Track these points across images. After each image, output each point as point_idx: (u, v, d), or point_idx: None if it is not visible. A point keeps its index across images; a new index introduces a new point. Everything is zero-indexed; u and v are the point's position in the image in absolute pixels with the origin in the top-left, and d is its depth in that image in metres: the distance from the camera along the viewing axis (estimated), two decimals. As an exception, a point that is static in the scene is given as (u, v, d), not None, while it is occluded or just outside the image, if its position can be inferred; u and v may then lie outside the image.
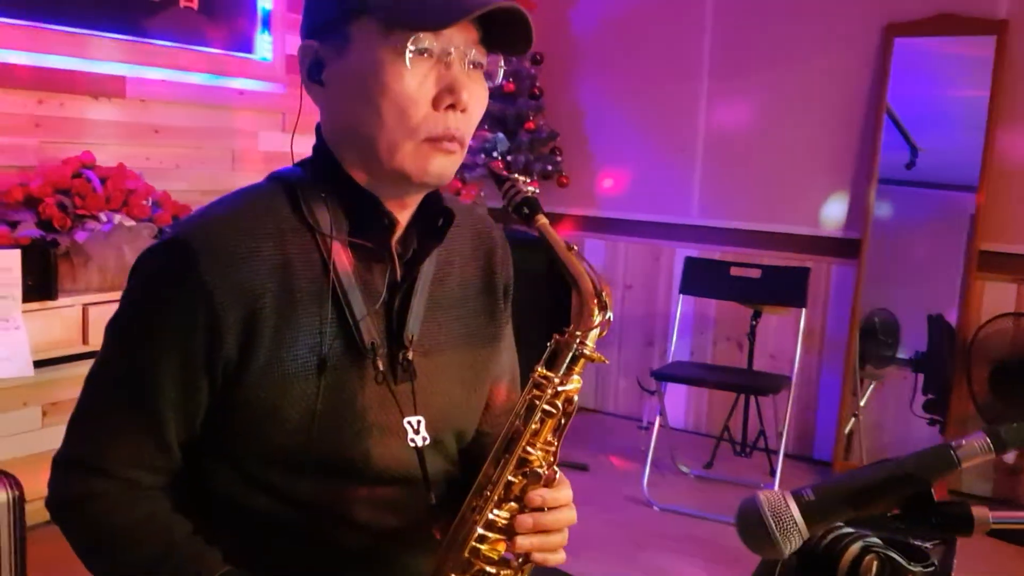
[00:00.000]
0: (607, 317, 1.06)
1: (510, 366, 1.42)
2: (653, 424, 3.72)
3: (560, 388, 1.05)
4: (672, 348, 3.91)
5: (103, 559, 1.12)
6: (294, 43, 3.63)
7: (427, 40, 1.04)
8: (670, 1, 4.37)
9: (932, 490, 0.82)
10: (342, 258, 1.13)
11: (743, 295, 3.83)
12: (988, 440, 0.81)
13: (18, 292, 2.54)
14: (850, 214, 3.98)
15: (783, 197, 4.14)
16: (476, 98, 1.10)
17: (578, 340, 1.05)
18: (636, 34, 4.47)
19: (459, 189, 4.40)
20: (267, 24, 3.63)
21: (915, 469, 0.82)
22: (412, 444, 1.14)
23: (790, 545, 0.83)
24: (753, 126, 4.19)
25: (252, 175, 3.62)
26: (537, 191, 1.10)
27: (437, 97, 1.06)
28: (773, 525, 0.82)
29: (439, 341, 1.21)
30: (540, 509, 1.04)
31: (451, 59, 1.06)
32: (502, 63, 1.13)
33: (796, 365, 3.64)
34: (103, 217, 2.71)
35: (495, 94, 4.18)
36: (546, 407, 1.04)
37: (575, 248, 1.08)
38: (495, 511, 1.03)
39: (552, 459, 1.07)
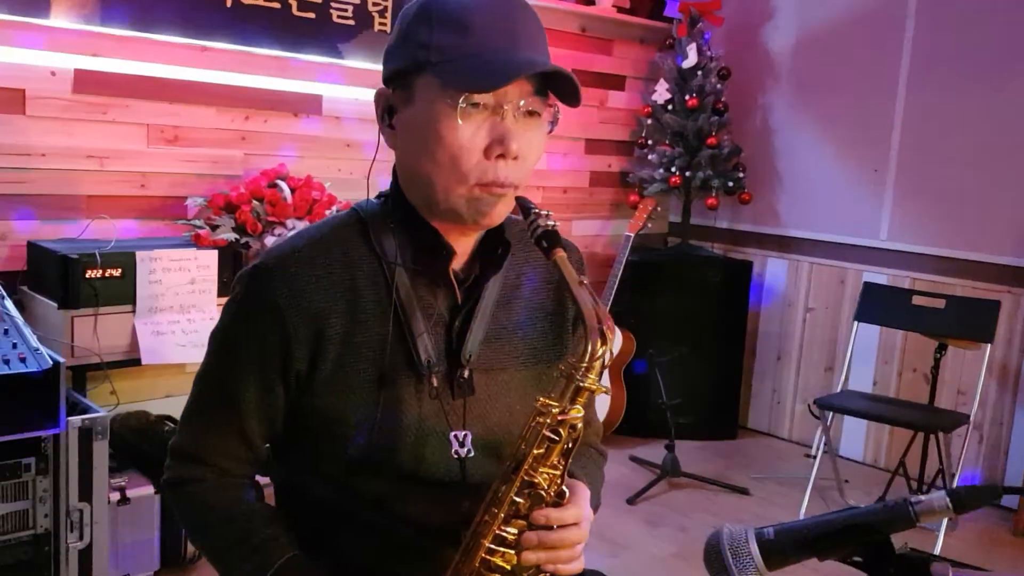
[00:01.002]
0: (607, 350, 1.10)
1: None
2: (831, 452, 3.62)
3: (561, 417, 1.11)
4: (842, 376, 3.77)
5: (198, 534, 1.31)
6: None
7: (479, 96, 1.14)
8: (869, 16, 4.20)
9: (892, 541, 0.83)
10: (404, 282, 1.25)
11: (925, 326, 3.62)
12: (948, 501, 0.80)
13: (214, 288, 2.88)
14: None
15: (980, 222, 3.87)
16: (530, 146, 1.19)
17: (581, 372, 1.11)
18: (830, 49, 4.33)
19: (636, 202, 4.45)
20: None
21: (874, 521, 0.82)
22: (456, 455, 1.24)
23: (747, 580, 0.86)
24: (951, 145, 3.95)
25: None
26: (557, 224, 1.17)
27: (488, 147, 1.16)
28: (731, 560, 0.86)
29: (502, 360, 1.30)
30: (547, 527, 1.11)
31: (504, 111, 1.16)
32: (557, 112, 1.22)
33: (976, 403, 3.41)
34: (289, 224, 3.00)
35: (678, 109, 4.21)
36: (548, 434, 1.11)
37: (585, 282, 1.14)
38: (504, 527, 1.11)
39: (560, 481, 1.13)
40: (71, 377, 2.72)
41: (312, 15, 3.41)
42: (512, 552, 1.11)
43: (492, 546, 1.11)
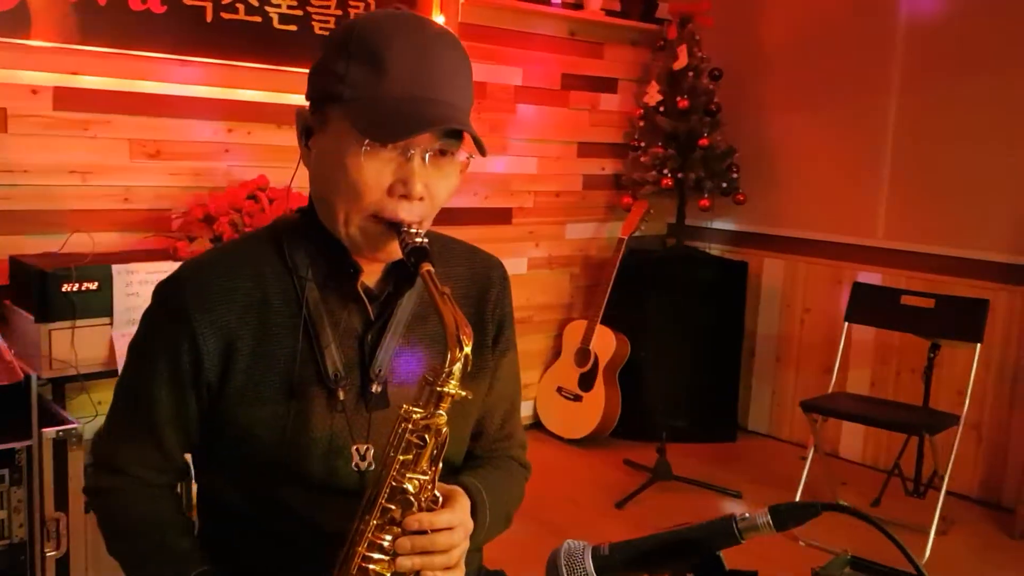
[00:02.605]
0: (465, 353, 1.11)
1: (508, 396, 1.50)
2: (820, 454, 3.59)
3: (425, 423, 1.12)
4: (834, 377, 3.73)
5: (114, 544, 1.34)
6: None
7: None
8: (859, 12, 4.16)
9: (721, 558, 0.83)
10: (315, 297, 1.27)
11: (915, 326, 3.58)
12: (769, 518, 0.80)
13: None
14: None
15: (977, 219, 3.82)
16: (437, 186, 1.21)
17: (442, 378, 1.12)
18: (822, 47, 4.29)
19: (629, 204, 4.44)
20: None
21: (701, 537, 0.83)
22: (356, 469, 1.26)
23: (583, 597, 0.86)
24: (946, 143, 3.90)
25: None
26: (426, 241, 1.18)
27: (392, 187, 1.18)
28: (565, 574, 0.86)
29: (416, 374, 1.32)
30: (421, 532, 1.12)
31: (412, 154, 1.17)
32: (471, 154, 1.24)
33: (967, 404, 3.36)
34: (268, 234, 3.04)
35: (670, 111, 4.20)
36: (414, 439, 1.12)
37: (447, 294, 1.15)
38: (379, 534, 1.12)
39: (431, 487, 1.14)
40: (51, 389, 2.78)
41: (294, 27, 3.45)
42: (388, 559, 1.12)
43: (368, 553, 1.12)
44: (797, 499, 3.52)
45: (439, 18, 3.83)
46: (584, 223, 4.63)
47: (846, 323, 3.73)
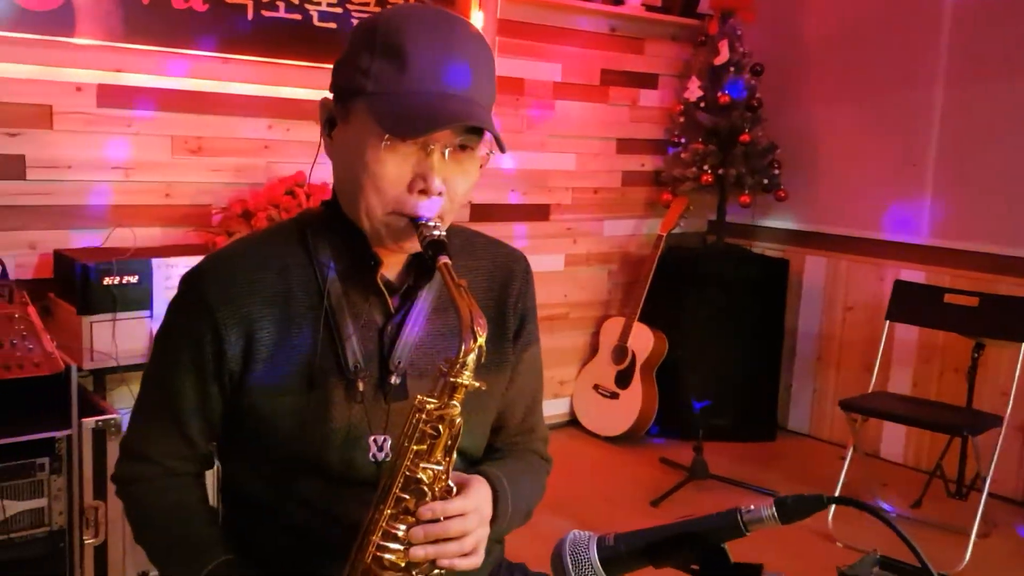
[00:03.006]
0: (479, 344, 1.12)
1: (530, 390, 1.49)
2: (859, 454, 3.54)
3: (439, 413, 1.12)
4: (874, 376, 3.67)
5: (141, 532, 1.36)
6: (502, 66, 3.86)
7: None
8: (903, 4, 4.08)
9: (726, 551, 0.82)
10: (337, 289, 1.28)
11: (958, 325, 3.51)
12: (774, 510, 0.79)
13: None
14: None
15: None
16: (455, 182, 1.22)
17: (456, 369, 1.12)
18: (865, 41, 4.22)
19: (669, 201, 4.41)
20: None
21: (706, 530, 0.82)
22: (373, 459, 1.27)
23: (587, 587, 0.86)
24: (992, 138, 3.81)
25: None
26: (443, 235, 1.18)
27: (412, 182, 1.19)
28: (570, 565, 0.86)
29: (436, 366, 1.32)
30: (434, 521, 1.13)
31: (432, 149, 1.18)
32: (490, 150, 1.24)
33: (1011, 405, 3.29)
34: (305, 229, 3.07)
35: (711, 106, 4.17)
36: (428, 430, 1.13)
37: (464, 286, 1.15)
38: (393, 524, 1.13)
39: (445, 476, 1.15)
40: (92, 381, 2.84)
41: (334, 25, 3.48)
42: (403, 549, 1.13)
43: (383, 543, 1.13)
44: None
45: (478, 14, 3.84)
46: (623, 220, 4.61)
47: (887, 322, 3.66)
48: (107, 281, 2.71)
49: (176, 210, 3.24)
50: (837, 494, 3.48)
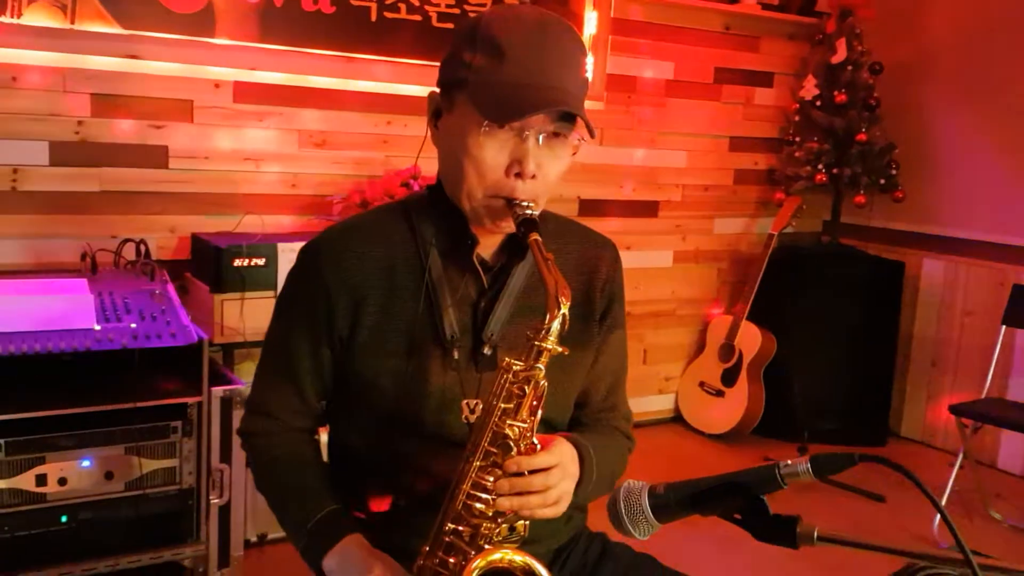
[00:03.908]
0: (561, 312, 1.22)
1: (613, 370, 1.59)
2: (971, 462, 3.47)
3: (525, 374, 1.22)
4: (987, 383, 3.57)
5: (261, 481, 1.52)
6: (614, 64, 3.92)
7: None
8: (1034, 1, 3.95)
9: (765, 502, 0.89)
10: (437, 265, 1.41)
11: (1081, 331, 3.38)
12: (809, 466, 0.86)
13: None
14: None
15: None
16: (548, 166, 1.32)
17: (541, 335, 1.22)
18: (988, 41, 4.10)
19: (781, 200, 4.39)
20: (591, 47, 3.96)
21: (747, 482, 0.89)
22: (465, 422, 1.38)
23: (639, 530, 0.95)
24: None
25: (570, 186, 4.00)
26: (535, 214, 1.29)
27: (508, 166, 1.30)
28: (623, 510, 0.95)
29: (524, 340, 1.43)
30: (519, 474, 1.23)
31: (527, 135, 1.29)
32: (581, 137, 1.34)
33: None
34: (419, 219, 3.24)
35: (827, 105, 4.13)
36: (515, 390, 1.23)
37: (551, 260, 1.25)
38: (482, 475, 1.23)
39: (530, 434, 1.24)
40: (222, 356, 3.07)
41: (451, 25, 3.63)
42: (491, 498, 1.23)
43: (472, 492, 1.23)
44: (942, 505, 3.40)
45: (592, 14, 3.93)
46: (734, 218, 4.61)
47: (1003, 327, 3.56)
48: (237, 263, 2.94)
49: (301, 199, 3.45)
50: (944, 502, 3.42)
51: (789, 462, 0.88)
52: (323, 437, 1.57)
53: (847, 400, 4.32)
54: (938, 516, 3.34)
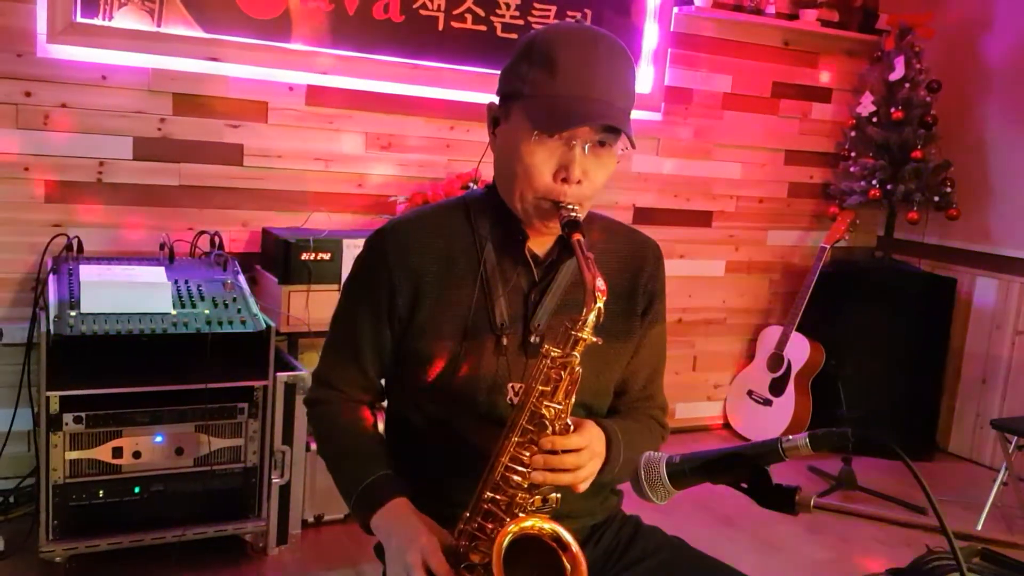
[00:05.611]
0: (597, 306, 1.33)
1: (652, 362, 1.70)
2: (1014, 479, 3.48)
3: (562, 360, 1.34)
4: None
5: (321, 445, 1.66)
6: (673, 76, 4.01)
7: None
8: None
9: (769, 472, 1.00)
10: (492, 257, 1.54)
11: None
12: (807, 440, 0.97)
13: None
14: None
15: None
16: (593, 173, 1.44)
17: (578, 326, 1.34)
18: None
19: (835, 214, 4.44)
20: (650, 59, 4.07)
21: (751, 454, 1.00)
22: (510, 402, 1.51)
23: (657, 495, 1.06)
24: None
25: (626, 194, 4.10)
26: (579, 216, 1.41)
27: (556, 172, 1.43)
28: (643, 476, 1.07)
29: (563, 329, 1.55)
30: (552, 452, 1.35)
31: (574, 144, 1.42)
32: (625, 146, 1.46)
33: None
34: (477, 221, 3.38)
35: (883, 122, 4.17)
36: (552, 374, 1.35)
37: (591, 258, 1.36)
38: (520, 450, 1.36)
39: (565, 415, 1.36)
40: (287, 344, 3.24)
41: (515, 35, 3.77)
42: (526, 471, 1.36)
43: (510, 464, 1.36)
44: (982, 522, 3.43)
45: (653, 26, 4.03)
46: (788, 230, 4.67)
47: (1053, 345, 3.57)
48: (304, 257, 3.11)
49: (366, 198, 3.62)
50: (984, 517, 3.45)
51: (790, 437, 0.99)
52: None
53: (894, 414, 4.35)
54: (978, 529, 3.37)
